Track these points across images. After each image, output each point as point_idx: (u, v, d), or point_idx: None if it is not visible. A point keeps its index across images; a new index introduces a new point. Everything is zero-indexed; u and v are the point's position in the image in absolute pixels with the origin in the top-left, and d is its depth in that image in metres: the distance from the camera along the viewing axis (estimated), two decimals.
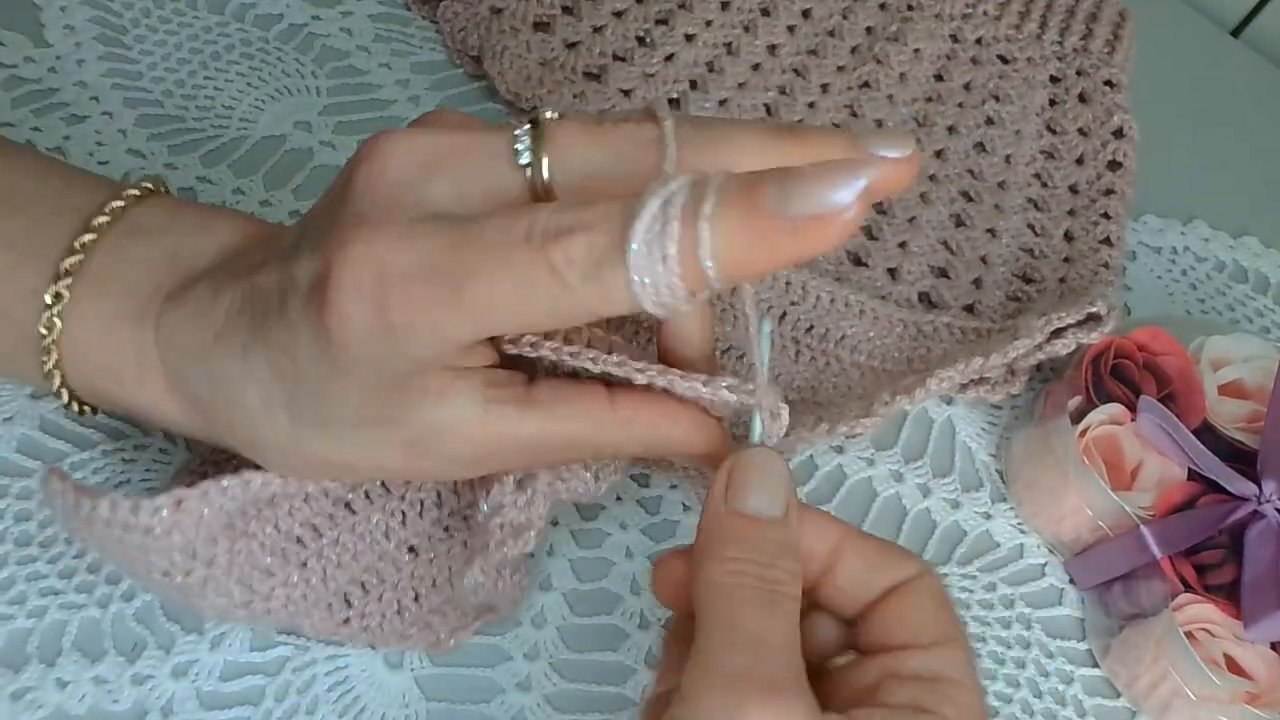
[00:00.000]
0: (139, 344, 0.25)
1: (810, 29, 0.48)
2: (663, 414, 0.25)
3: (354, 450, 0.24)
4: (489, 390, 0.23)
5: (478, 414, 0.23)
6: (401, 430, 0.23)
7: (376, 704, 0.29)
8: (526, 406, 0.24)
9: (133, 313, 0.25)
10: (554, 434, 0.24)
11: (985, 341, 0.38)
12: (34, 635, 0.28)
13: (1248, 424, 0.37)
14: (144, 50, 0.40)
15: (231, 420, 0.24)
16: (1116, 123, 0.47)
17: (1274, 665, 0.32)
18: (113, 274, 0.25)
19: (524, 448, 0.24)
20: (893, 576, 0.24)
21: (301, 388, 0.23)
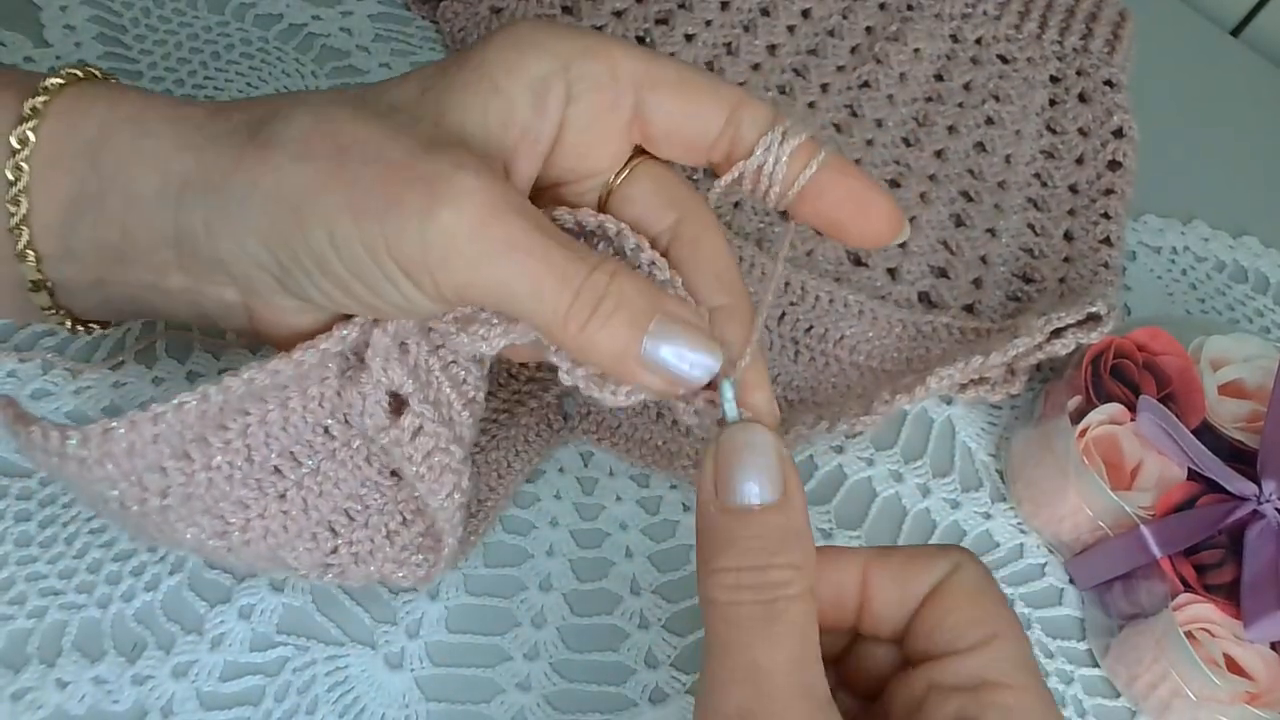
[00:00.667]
0: (137, 125, 0.24)
1: (810, 29, 0.48)
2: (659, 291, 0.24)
3: (375, 134, 0.22)
4: (511, 194, 0.23)
5: (493, 188, 0.22)
6: (425, 153, 0.22)
7: (376, 704, 0.29)
8: (535, 232, 0.22)
9: (126, 113, 0.24)
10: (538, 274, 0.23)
11: (985, 341, 0.38)
12: (34, 635, 0.28)
13: (1247, 424, 0.37)
14: (144, 50, 0.40)
15: (269, 114, 0.23)
16: (1116, 122, 0.47)
17: (1273, 665, 0.32)
18: (84, 106, 0.24)
19: (514, 240, 0.22)
20: (926, 581, 0.23)
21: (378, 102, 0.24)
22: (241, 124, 0.24)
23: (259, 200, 0.23)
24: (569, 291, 0.22)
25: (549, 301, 0.22)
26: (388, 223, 0.22)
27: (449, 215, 0.21)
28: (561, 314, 0.22)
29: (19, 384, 0.32)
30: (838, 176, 0.25)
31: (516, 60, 0.24)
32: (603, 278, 0.23)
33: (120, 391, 0.32)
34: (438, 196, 0.22)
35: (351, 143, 0.23)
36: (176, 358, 0.33)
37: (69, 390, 0.32)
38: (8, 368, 0.32)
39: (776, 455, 0.22)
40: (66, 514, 0.30)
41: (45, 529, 0.30)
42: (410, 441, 0.25)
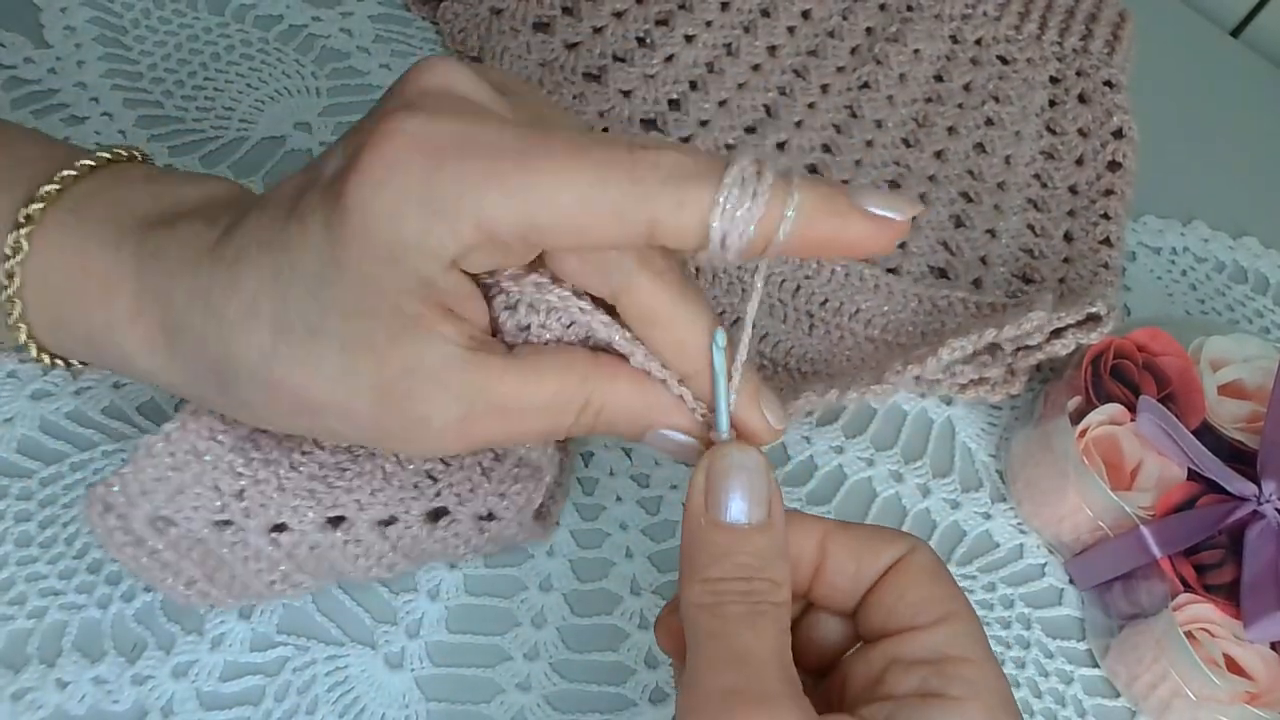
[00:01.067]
0: (111, 266, 0.24)
1: (810, 30, 0.48)
2: (650, 381, 0.24)
3: (327, 383, 0.22)
4: (473, 339, 0.23)
5: (459, 357, 0.22)
6: (383, 362, 0.22)
7: (376, 704, 0.29)
8: (509, 359, 0.23)
9: (108, 238, 0.24)
10: (535, 390, 0.23)
11: (999, 316, 0.38)
12: (34, 636, 0.28)
13: (1247, 424, 0.37)
14: (144, 51, 0.40)
15: (206, 337, 0.23)
16: (1116, 123, 0.47)
17: (1273, 665, 0.32)
18: (91, 203, 0.25)
19: (503, 409, 0.23)
20: (882, 560, 0.24)
21: (296, 291, 0.22)
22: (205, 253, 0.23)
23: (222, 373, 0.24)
24: (564, 431, 0.25)
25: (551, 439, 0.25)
26: (390, 442, 0.24)
27: (434, 439, 0.23)
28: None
29: (19, 384, 0.32)
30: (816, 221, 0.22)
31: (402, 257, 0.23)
32: (589, 419, 0.24)
33: (120, 392, 0.32)
34: (424, 422, 0.23)
35: (317, 402, 0.23)
36: None
37: (69, 391, 0.32)
38: (8, 368, 0.32)
39: (765, 477, 0.23)
40: (67, 514, 0.30)
41: (45, 529, 0.30)
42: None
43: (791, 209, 0.21)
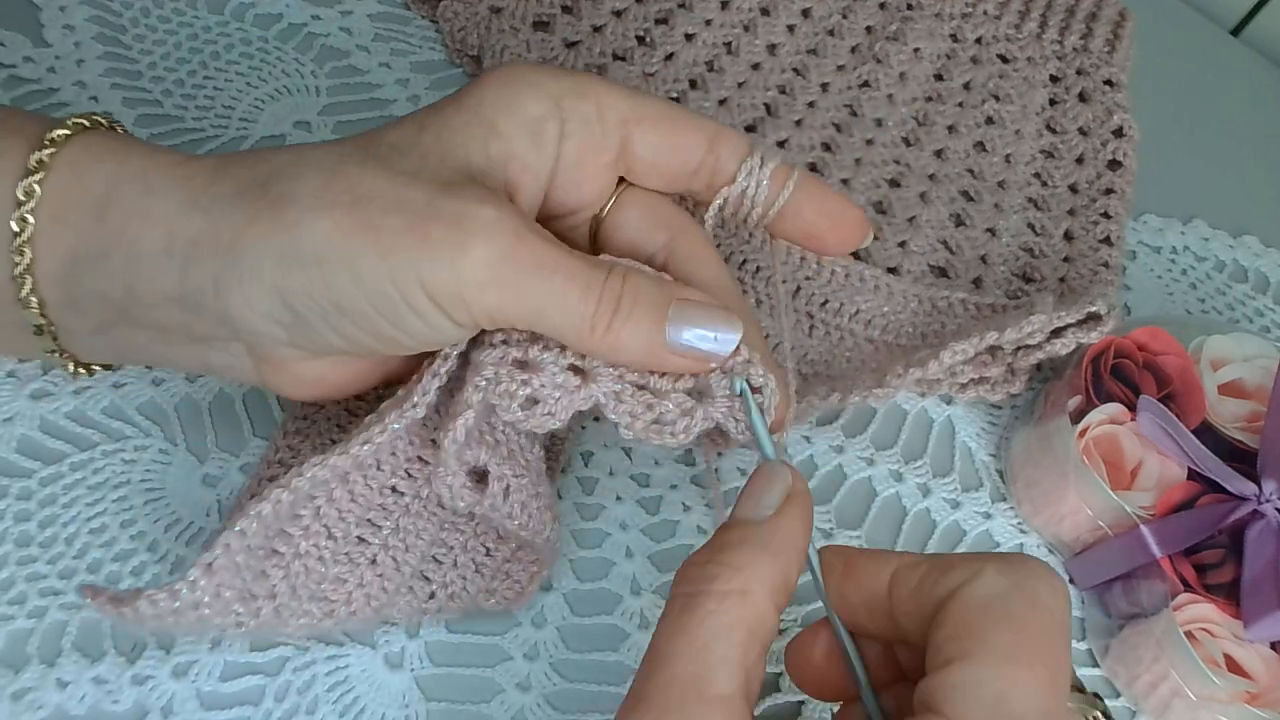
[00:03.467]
0: (151, 159, 0.24)
1: (810, 28, 0.48)
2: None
3: (392, 174, 0.24)
4: (526, 218, 0.24)
5: (513, 220, 0.23)
6: (445, 174, 0.24)
7: (376, 704, 0.29)
8: (555, 248, 0.24)
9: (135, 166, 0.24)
10: (562, 293, 0.24)
11: (999, 317, 0.38)
12: (34, 636, 0.28)
13: (1247, 423, 0.37)
14: (143, 50, 0.40)
15: (270, 156, 0.24)
16: (1116, 122, 0.47)
17: (1273, 665, 0.32)
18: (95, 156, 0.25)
19: (540, 254, 0.24)
20: (938, 591, 0.22)
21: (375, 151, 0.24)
22: (248, 182, 0.24)
23: (274, 255, 0.23)
24: (591, 299, 0.24)
25: (575, 313, 0.24)
26: (420, 260, 0.23)
27: (481, 248, 0.23)
28: (588, 321, 0.24)
29: (19, 384, 0.32)
30: (813, 195, 0.29)
31: (511, 100, 0.26)
32: (616, 281, 0.24)
33: (120, 392, 0.32)
34: (467, 232, 0.23)
35: (368, 193, 0.23)
36: None
37: (69, 390, 0.32)
38: (8, 368, 0.32)
39: (778, 490, 0.24)
40: (66, 514, 0.30)
41: (45, 529, 0.30)
42: (505, 502, 0.27)
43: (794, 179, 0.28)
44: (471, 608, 0.30)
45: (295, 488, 0.25)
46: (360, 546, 0.27)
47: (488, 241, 0.23)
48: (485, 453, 0.26)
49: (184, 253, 0.24)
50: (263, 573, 0.26)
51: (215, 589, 0.25)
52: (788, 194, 0.28)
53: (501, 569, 0.30)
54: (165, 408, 0.33)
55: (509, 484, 0.27)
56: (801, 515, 0.24)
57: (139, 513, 0.30)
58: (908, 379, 0.35)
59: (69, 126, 0.25)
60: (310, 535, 0.26)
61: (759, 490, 0.24)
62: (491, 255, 0.23)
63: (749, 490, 0.24)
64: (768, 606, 0.22)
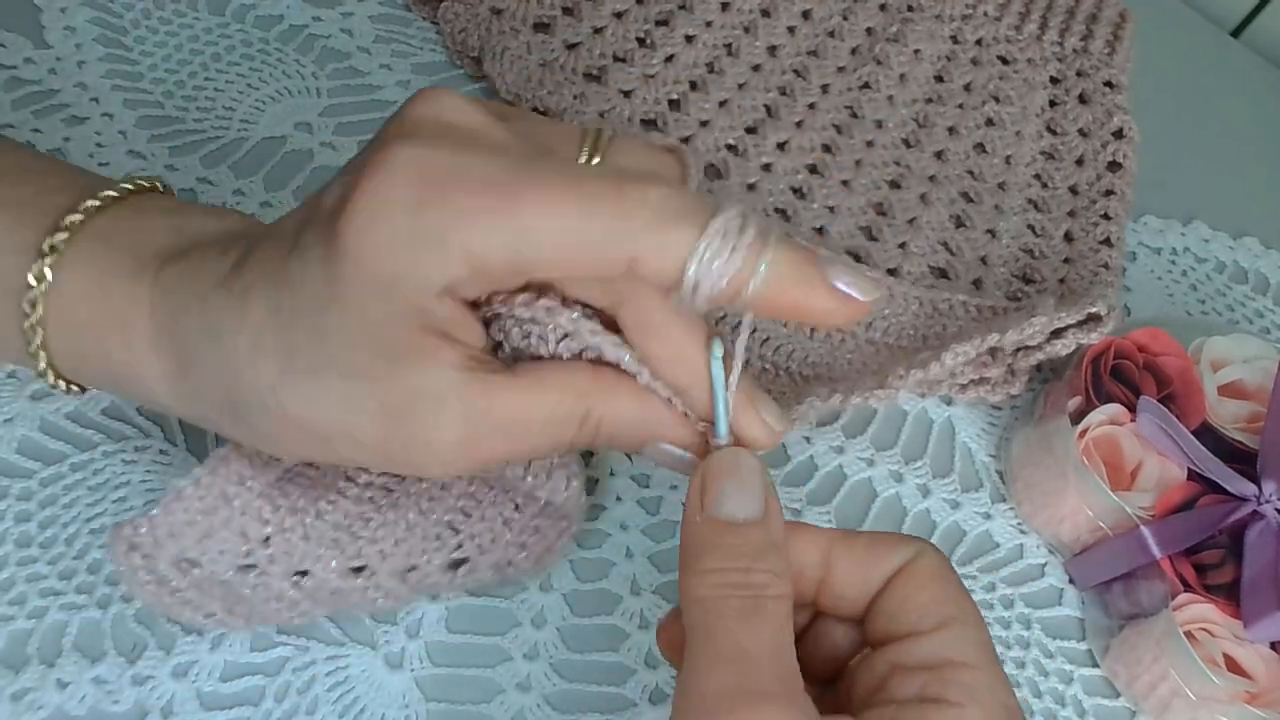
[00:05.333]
0: (130, 299, 0.24)
1: (810, 30, 0.48)
2: (648, 394, 0.25)
3: (333, 409, 0.23)
4: (474, 361, 0.23)
5: (459, 380, 0.23)
6: (384, 391, 0.22)
7: (376, 704, 0.29)
8: (509, 377, 0.24)
9: (128, 270, 0.25)
10: (536, 407, 0.24)
11: (1001, 319, 0.38)
12: (34, 636, 0.28)
13: (1247, 424, 0.37)
14: (144, 51, 0.40)
15: (216, 369, 0.24)
16: (1116, 124, 0.47)
17: (1273, 665, 0.32)
18: (113, 234, 0.25)
19: (503, 426, 0.24)
20: (888, 566, 0.24)
21: (298, 324, 0.22)
22: (214, 404, 0.24)
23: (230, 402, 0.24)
24: (565, 445, 0.25)
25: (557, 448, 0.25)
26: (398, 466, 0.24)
27: (448, 430, 0.23)
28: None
29: (20, 384, 0.32)
30: (785, 285, 0.22)
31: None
32: (589, 431, 0.25)
33: None
34: (427, 451, 0.23)
35: (326, 433, 0.24)
36: None
37: None
38: (8, 369, 0.32)
39: (760, 479, 0.24)
40: (67, 514, 0.30)
41: (46, 529, 0.30)
42: (526, 473, 0.27)
43: (764, 265, 0.22)
44: (502, 562, 0.30)
45: None
46: (383, 492, 0.27)
47: (445, 451, 0.23)
48: None
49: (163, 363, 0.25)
50: (283, 491, 0.26)
51: (238, 476, 0.25)
52: (752, 291, 0.22)
53: (530, 524, 0.30)
54: None
55: None
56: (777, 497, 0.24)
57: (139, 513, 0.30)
58: (909, 380, 0.35)
59: (80, 209, 0.25)
60: (330, 471, 0.27)
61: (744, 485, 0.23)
62: (454, 449, 0.23)
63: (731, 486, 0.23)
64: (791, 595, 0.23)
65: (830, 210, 0.42)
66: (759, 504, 0.23)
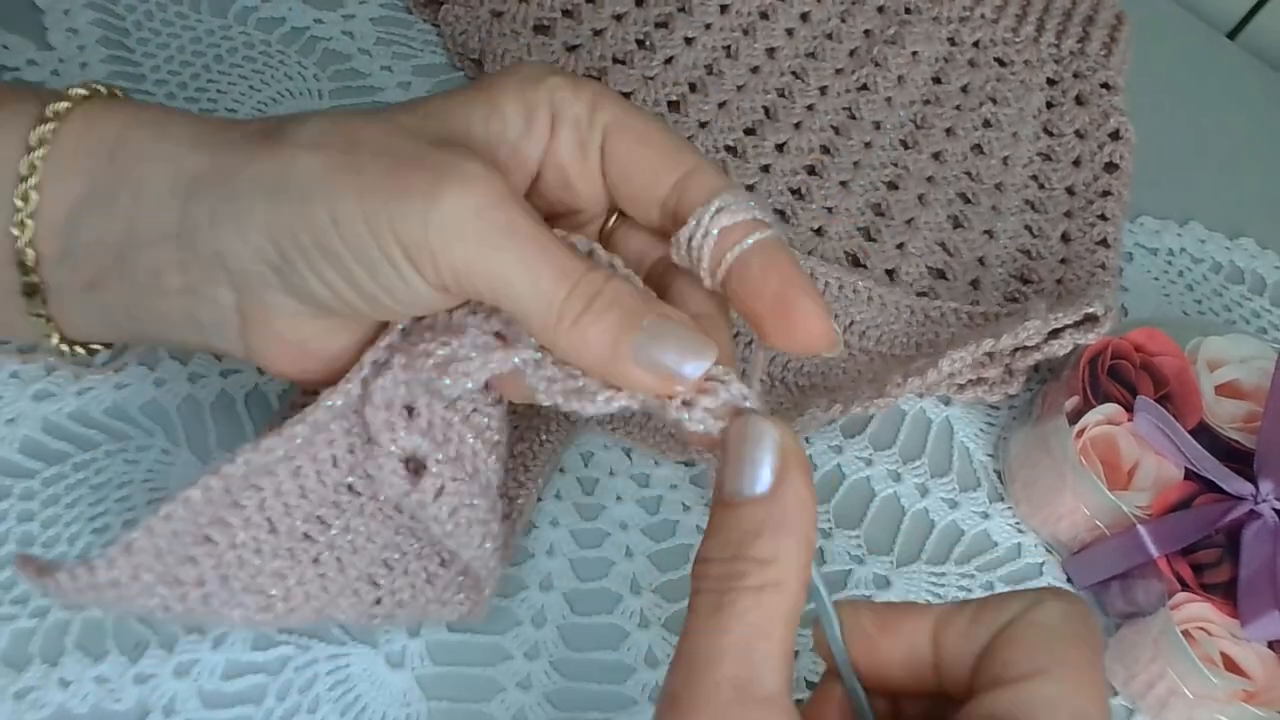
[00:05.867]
0: (142, 153, 0.24)
1: (808, 32, 0.48)
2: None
3: (381, 132, 0.23)
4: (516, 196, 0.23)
5: (500, 187, 0.23)
6: (426, 136, 0.23)
7: (378, 703, 0.29)
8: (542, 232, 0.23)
9: (145, 119, 0.25)
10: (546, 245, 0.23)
11: (994, 325, 0.38)
12: (36, 635, 0.28)
13: (1244, 424, 0.37)
14: (147, 53, 0.40)
15: (285, 121, 0.24)
16: (1113, 125, 0.47)
17: (1270, 664, 0.33)
18: (105, 110, 0.25)
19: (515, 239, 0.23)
20: (992, 626, 0.22)
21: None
22: (258, 129, 0.24)
23: (266, 189, 0.23)
24: (565, 285, 0.23)
25: (544, 293, 0.23)
26: (393, 203, 0.22)
27: (453, 197, 0.22)
28: (555, 306, 0.23)
29: (22, 385, 0.32)
30: (767, 265, 0.24)
31: (515, 87, 0.26)
32: (598, 277, 0.23)
33: (122, 393, 0.33)
34: (444, 180, 0.22)
35: (363, 138, 0.23)
36: (179, 359, 0.34)
37: (71, 391, 0.32)
38: (10, 369, 0.32)
39: (775, 447, 0.22)
40: (69, 514, 0.30)
41: (48, 529, 0.30)
42: (434, 502, 0.26)
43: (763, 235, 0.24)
44: (421, 617, 0.29)
45: (227, 474, 0.24)
46: (304, 543, 0.26)
47: (462, 193, 0.22)
48: (427, 444, 0.25)
49: (186, 188, 0.24)
50: (191, 559, 0.25)
51: (134, 569, 0.24)
52: (735, 255, 0.24)
53: (455, 581, 0.29)
54: (167, 408, 0.33)
55: (444, 485, 0.25)
56: (806, 475, 0.22)
57: (141, 512, 0.30)
58: (907, 388, 0.35)
59: (85, 88, 0.26)
60: (250, 526, 0.25)
61: (748, 455, 0.22)
62: (463, 207, 0.22)
63: (736, 456, 0.22)
64: (799, 589, 0.21)
65: (829, 211, 0.43)
66: (768, 479, 0.21)
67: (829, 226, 0.42)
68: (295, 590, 0.26)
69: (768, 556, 0.21)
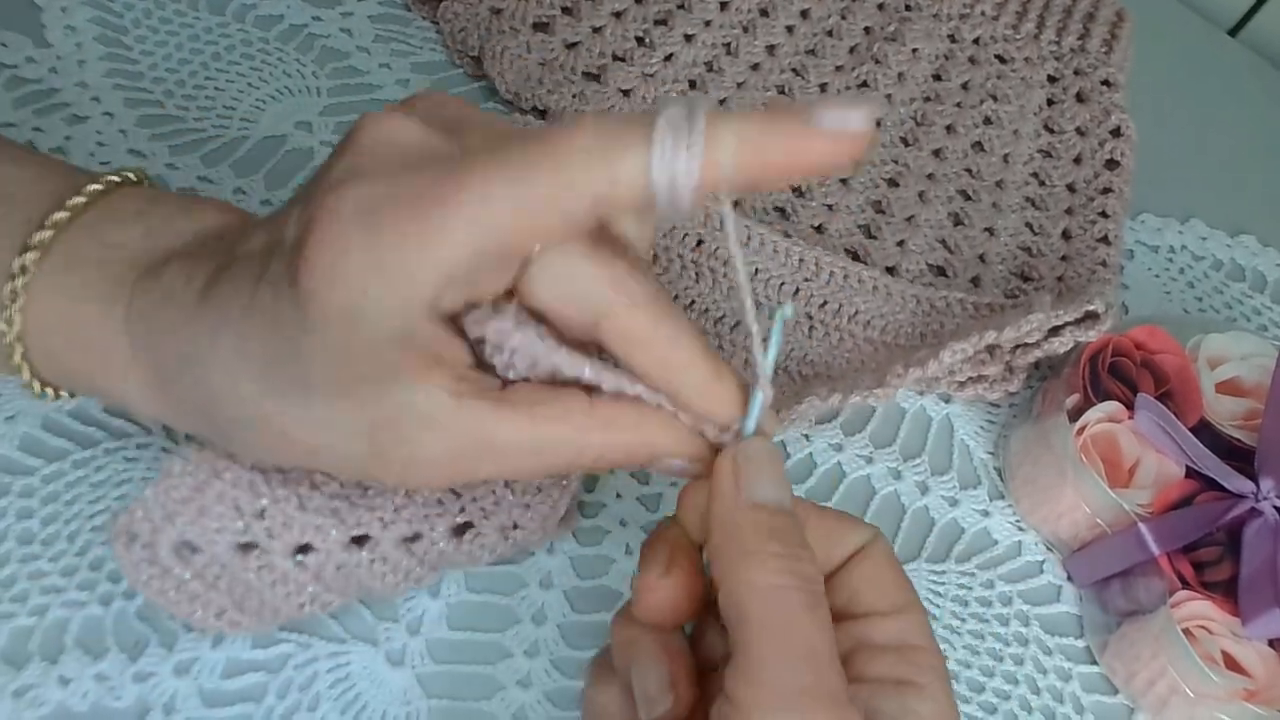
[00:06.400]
0: (106, 320, 0.24)
1: (809, 29, 0.48)
2: (646, 416, 0.24)
3: (321, 429, 0.23)
4: (462, 383, 0.23)
5: (446, 402, 0.22)
6: (371, 410, 0.22)
7: (378, 701, 0.29)
8: (501, 403, 0.23)
9: (102, 291, 0.24)
10: (529, 436, 0.23)
11: (998, 316, 0.38)
12: (36, 633, 0.28)
13: (1245, 421, 0.37)
14: (145, 51, 0.40)
15: (198, 391, 0.24)
16: (1114, 122, 0.47)
17: (1271, 662, 0.33)
18: (82, 251, 0.25)
19: (495, 450, 0.23)
20: (849, 545, 0.25)
21: (277, 349, 0.22)
22: (195, 412, 0.24)
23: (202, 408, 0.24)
24: (560, 471, 0.24)
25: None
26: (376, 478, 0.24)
27: (427, 469, 0.23)
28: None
29: None
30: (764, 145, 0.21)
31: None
32: (587, 462, 0.24)
33: None
34: (414, 469, 0.23)
35: (312, 449, 0.23)
36: None
37: None
38: None
39: (783, 471, 0.24)
40: (69, 511, 0.30)
41: (48, 526, 0.30)
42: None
43: (731, 137, 0.20)
44: (508, 525, 0.29)
45: None
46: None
47: (433, 470, 0.23)
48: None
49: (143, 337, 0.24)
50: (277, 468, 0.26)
51: (222, 466, 0.25)
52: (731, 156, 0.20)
53: (533, 484, 0.29)
54: None
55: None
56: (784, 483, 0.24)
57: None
58: (908, 379, 0.35)
59: (39, 245, 0.25)
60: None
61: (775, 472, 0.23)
62: (442, 468, 0.23)
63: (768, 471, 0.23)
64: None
65: (829, 208, 0.43)
66: (789, 493, 0.23)
67: (829, 224, 0.42)
68: (379, 500, 0.27)
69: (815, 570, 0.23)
